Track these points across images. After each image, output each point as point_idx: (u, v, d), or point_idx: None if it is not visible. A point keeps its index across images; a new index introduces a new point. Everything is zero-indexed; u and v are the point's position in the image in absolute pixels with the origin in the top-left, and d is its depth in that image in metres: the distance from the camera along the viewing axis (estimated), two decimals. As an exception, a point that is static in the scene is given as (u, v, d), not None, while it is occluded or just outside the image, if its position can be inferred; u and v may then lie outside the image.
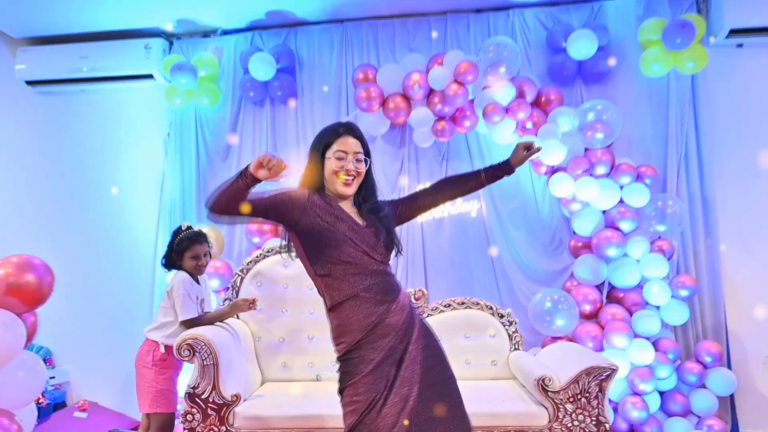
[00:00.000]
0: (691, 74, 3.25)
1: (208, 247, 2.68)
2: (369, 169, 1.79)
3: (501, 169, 1.85)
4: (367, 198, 1.78)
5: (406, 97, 3.29)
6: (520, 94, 3.15)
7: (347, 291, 1.63)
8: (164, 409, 2.50)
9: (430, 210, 1.92)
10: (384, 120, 3.37)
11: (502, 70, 3.11)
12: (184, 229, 2.70)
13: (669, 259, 3.03)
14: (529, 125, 3.13)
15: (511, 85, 3.13)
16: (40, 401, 3.25)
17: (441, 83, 3.16)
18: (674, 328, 3.10)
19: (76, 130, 3.98)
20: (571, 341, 2.93)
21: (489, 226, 3.36)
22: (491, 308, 2.84)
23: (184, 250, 2.61)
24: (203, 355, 2.38)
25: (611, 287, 3.14)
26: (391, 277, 1.72)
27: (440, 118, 3.28)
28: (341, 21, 3.66)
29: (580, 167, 3.09)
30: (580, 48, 3.21)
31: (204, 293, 2.69)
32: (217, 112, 3.77)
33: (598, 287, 3.13)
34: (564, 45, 3.28)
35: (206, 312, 2.66)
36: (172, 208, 3.72)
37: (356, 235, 1.66)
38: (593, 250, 3.11)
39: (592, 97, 3.31)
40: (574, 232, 3.24)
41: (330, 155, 1.71)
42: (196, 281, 2.64)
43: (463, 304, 2.86)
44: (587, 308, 3.05)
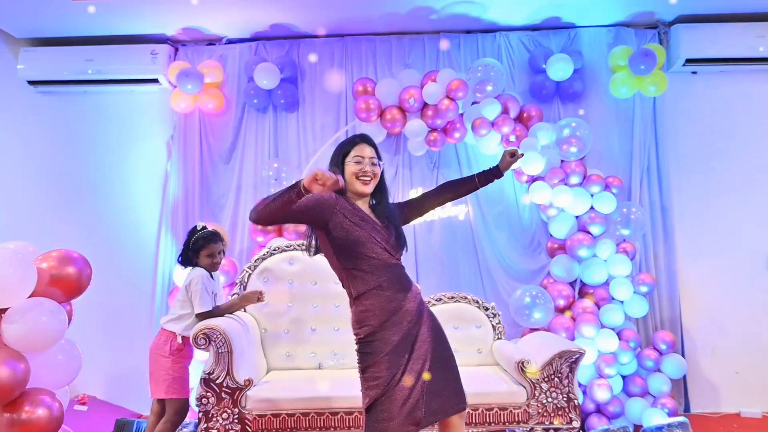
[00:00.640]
0: (653, 97, 3.77)
1: (222, 246, 2.98)
2: (381, 174, 2.10)
3: (491, 173, 2.19)
4: (381, 199, 2.10)
5: (402, 110, 3.68)
6: (505, 110, 3.59)
7: (372, 282, 1.96)
8: (179, 395, 2.78)
9: (434, 209, 2.27)
10: (381, 130, 3.75)
11: (489, 88, 3.53)
12: (199, 229, 2.99)
13: (632, 259, 3.53)
14: (513, 138, 3.57)
15: (497, 102, 3.55)
16: (85, 401, 3.48)
17: (434, 98, 3.56)
18: (635, 319, 3.61)
19: (77, 131, 4.21)
20: (547, 332, 3.37)
21: (475, 229, 3.79)
22: (477, 302, 3.26)
23: (200, 248, 2.90)
24: (218, 343, 2.67)
25: (582, 284, 3.62)
26: (404, 270, 2.09)
27: (432, 130, 3.68)
28: (342, 36, 4.03)
29: (557, 177, 3.55)
30: (558, 70, 3.67)
31: (217, 288, 3.00)
32: (221, 118, 4.07)
33: (571, 284, 3.61)
34: (544, 66, 3.74)
35: (218, 305, 2.97)
36: (175, 209, 3.99)
37: (378, 234, 1.99)
38: (567, 251, 3.57)
39: (568, 115, 3.79)
40: (551, 235, 3.70)
41: (349, 161, 2.03)
42: (211, 277, 2.94)
43: (453, 298, 3.26)
44: (561, 303, 3.52)
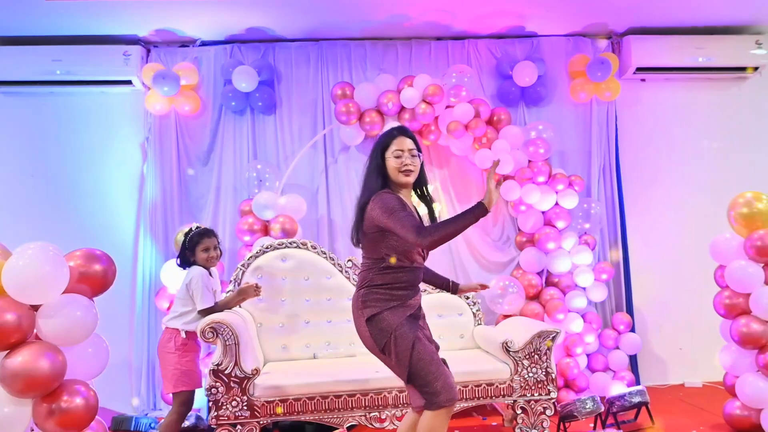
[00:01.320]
0: (608, 101, 4.31)
1: (217, 241, 3.23)
2: (422, 162, 2.25)
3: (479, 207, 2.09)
4: (423, 187, 2.32)
5: (380, 113, 4.03)
6: (477, 114, 4.00)
7: (392, 280, 2.20)
8: (188, 387, 3.00)
9: None
10: (360, 132, 4.08)
11: (463, 93, 3.94)
12: (193, 228, 3.24)
13: (592, 250, 4.05)
14: (484, 140, 4.00)
15: (470, 106, 3.97)
16: None
17: (412, 102, 3.93)
18: (596, 303, 4.13)
19: (45, 132, 4.26)
20: (522, 317, 3.83)
21: (449, 225, 4.19)
22: (458, 292, 3.66)
23: (195, 245, 3.12)
24: (225, 336, 2.93)
25: (549, 273, 4.10)
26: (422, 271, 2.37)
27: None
28: (317, 40, 4.32)
29: (525, 176, 4.01)
30: (524, 76, 4.13)
31: (216, 285, 3.24)
32: (198, 119, 4.25)
33: (539, 274, 4.08)
34: (510, 73, 4.19)
35: (217, 301, 3.22)
36: (153, 211, 4.14)
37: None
38: (535, 244, 4.05)
39: (533, 118, 4.27)
40: (520, 229, 4.16)
41: (389, 155, 2.18)
42: (210, 274, 3.18)
43: (436, 289, 3.65)
44: (531, 291, 3.98)
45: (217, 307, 3.10)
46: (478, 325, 3.65)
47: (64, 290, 2.28)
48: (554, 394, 3.11)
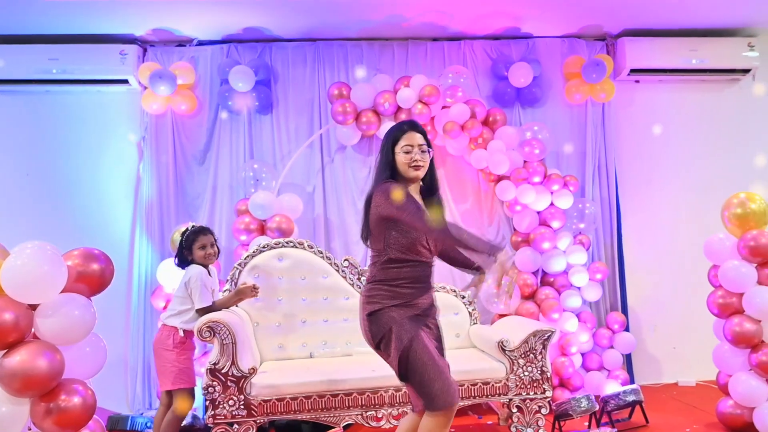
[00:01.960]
0: (603, 103, 4.34)
1: (213, 239, 3.24)
2: (431, 160, 2.21)
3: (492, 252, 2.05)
4: (432, 183, 2.26)
5: (377, 113, 4.05)
6: (472, 115, 4.03)
7: (398, 274, 2.15)
8: (186, 385, 3.04)
9: None
10: (356, 132, 4.10)
11: (459, 93, 3.97)
12: (189, 227, 3.25)
13: (587, 250, 4.08)
14: (480, 141, 4.03)
15: (466, 107, 3.99)
16: None
17: (408, 102, 3.95)
18: (591, 303, 4.17)
19: (42, 131, 4.25)
20: (518, 316, 3.86)
21: (446, 225, 4.22)
22: (454, 291, 3.69)
23: (192, 243, 3.14)
24: (222, 335, 2.95)
25: (544, 273, 4.13)
26: (432, 269, 2.28)
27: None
28: (314, 40, 4.34)
29: (520, 176, 4.04)
30: (519, 77, 4.16)
31: (214, 284, 3.25)
32: (194, 119, 4.25)
33: (534, 273, 4.10)
34: (506, 74, 4.22)
35: (215, 301, 3.23)
36: (149, 210, 4.14)
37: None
38: (530, 244, 4.07)
39: (528, 119, 4.30)
40: (515, 229, 4.19)
41: (399, 150, 2.14)
42: (209, 273, 3.20)
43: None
44: (526, 290, 4.01)
45: (215, 307, 3.12)
46: (474, 324, 3.68)
47: (62, 289, 2.29)
48: (549, 393, 3.14)
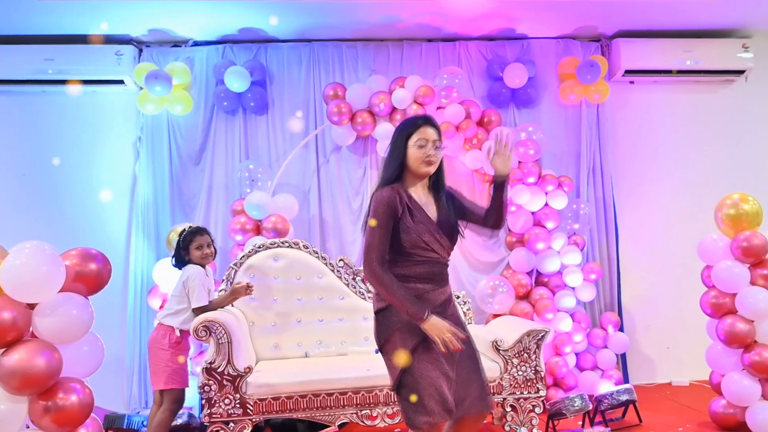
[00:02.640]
0: (597, 103, 4.40)
1: (210, 239, 3.29)
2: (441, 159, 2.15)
3: (495, 183, 2.17)
4: (439, 180, 2.19)
5: (372, 113, 4.11)
6: (467, 116, 4.09)
7: (402, 272, 2.09)
8: (179, 385, 3.08)
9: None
10: (351, 132, 4.15)
11: (454, 94, 4.03)
12: (186, 228, 3.30)
13: (581, 250, 4.14)
14: (475, 141, 4.09)
15: (461, 107, 4.05)
16: None
17: (403, 103, 4.01)
18: (585, 303, 4.23)
19: (38, 131, 4.30)
20: (512, 316, 3.92)
21: (440, 225, 4.27)
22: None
23: (189, 243, 3.19)
24: (218, 334, 2.99)
25: (538, 273, 4.19)
26: (445, 268, 2.18)
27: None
28: (309, 41, 4.39)
29: (515, 176, 4.10)
30: (514, 78, 4.22)
31: (211, 284, 3.30)
32: (190, 119, 4.29)
33: (529, 273, 4.17)
34: (501, 74, 4.28)
35: (211, 300, 3.28)
36: (145, 210, 4.19)
37: (428, 234, 2.08)
38: (525, 244, 4.14)
39: (523, 119, 4.36)
40: (509, 230, 4.25)
41: (412, 144, 2.09)
42: (206, 273, 3.25)
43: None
44: (521, 291, 4.07)
45: (211, 306, 3.16)
46: (468, 324, 3.73)
47: (60, 289, 2.33)
48: (543, 393, 3.19)
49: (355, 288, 3.69)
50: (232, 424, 2.96)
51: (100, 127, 4.34)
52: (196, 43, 4.38)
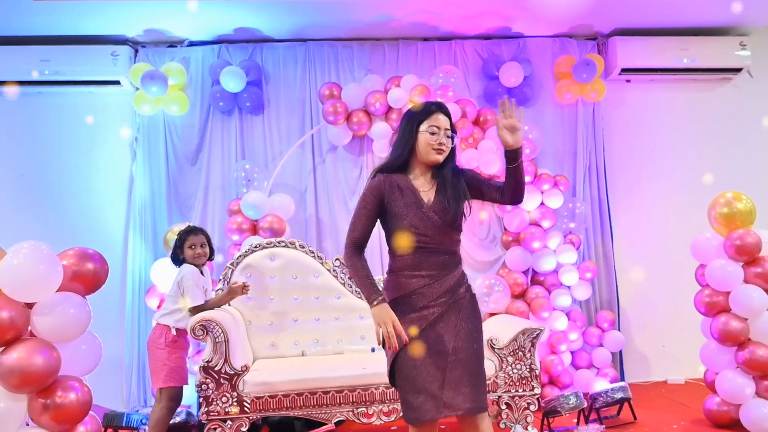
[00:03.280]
0: (594, 102, 4.46)
1: (204, 239, 3.35)
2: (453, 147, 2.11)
3: (507, 156, 2.04)
4: (445, 169, 2.11)
5: (368, 113, 4.17)
6: (463, 115, 4.15)
7: (398, 264, 2.10)
8: (177, 383, 3.15)
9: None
10: (347, 132, 4.21)
11: (450, 93, 4.09)
12: (183, 228, 3.37)
13: (577, 249, 4.21)
14: (471, 140, 4.15)
15: (457, 107, 4.11)
16: None
17: (399, 103, 4.07)
18: (580, 302, 4.29)
19: (35, 132, 4.37)
20: (508, 314, 3.98)
21: (437, 224, 4.33)
22: (445, 290, 3.81)
23: (183, 242, 3.26)
24: (215, 333, 3.06)
25: (534, 272, 4.25)
26: (445, 257, 2.11)
27: (395, 137, 4.20)
28: (304, 40, 4.45)
29: (511, 175, 4.16)
30: (510, 77, 4.28)
31: (207, 284, 3.36)
32: (186, 119, 4.36)
33: (525, 272, 4.23)
34: (497, 73, 4.34)
35: (207, 300, 3.34)
36: (142, 210, 4.26)
37: (422, 221, 2.04)
38: (521, 243, 4.20)
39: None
40: (506, 229, 4.32)
41: (423, 130, 2.05)
42: (201, 273, 3.31)
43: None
44: (516, 289, 4.14)
45: (207, 305, 3.22)
46: (465, 322, 3.79)
47: (58, 288, 2.39)
48: (538, 390, 3.25)
49: (351, 287, 3.75)
50: (229, 422, 3.02)
51: (96, 128, 4.39)
52: (192, 44, 4.44)
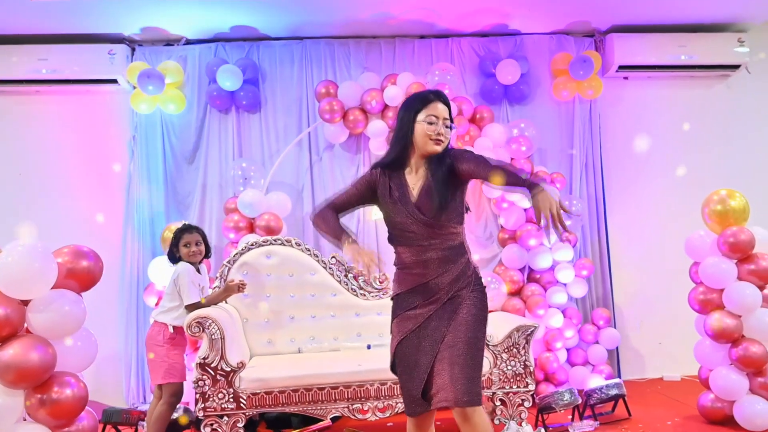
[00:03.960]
0: (591, 99, 4.49)
1: (199, 237, 3.39)
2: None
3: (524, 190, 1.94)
4: (433, 163, 2.05)
5: (364, 111, 4.21)
6: (459, 112, 4.18)
7: (398, 260, 2.16)
8: (176, 380, 3.20)
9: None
10: (344, 130, 4.26)
11: (446, 91, 4.12)
12: (180, 226, 3.43)
13: (573, 247, 4.24)
14: (467, 138, 4.19)
15: (453, 104, 4.13)
16: None
17: (395, 100, 4.10)
18: (576, 299, 4.33)
19: (33, 131, 4.42)
20: (503, 312, 4.02)
21: (433, 221, 4.37)
22: (440, 288, 3.85)
23: (178, 241, 3.32)
24: (211, 330, 3.11)
25: (530, 270, 4.29)
26: (438, 252, 2.07)
27: (393, 129, 4.24)
28: (301, 38, 4.49)
29: (507, 173, 4.19)
30: (507, 74, 4.31)
31: (204, 281, 3.42)
32: (183, 118, 4.40)
33: (521, 270, 4.27)
34: (493, 71, 4.37)
35: (204, 297, 3.40)
36: (140, 209, 4.30)
37: (408, 217, 2.05)
38: (517, 241, 4.24)
39: (516, 116, 4.45)
40: (502, 226, 4.35)
41: (421, 119, 2.01)
42: (198, 271, 3.37)
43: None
44: (513, 287, 4.18)
45: (203, 303, 3.28)
46: (460, 320, 3.83)
47: (53, 286, 2.45)
48: (532, 387, 3.30)
49: (347, 285, 3.80)
50: (225, 418, 3.08)
51: (94, 127, 4.45)
52: (189, 42, 4.48)
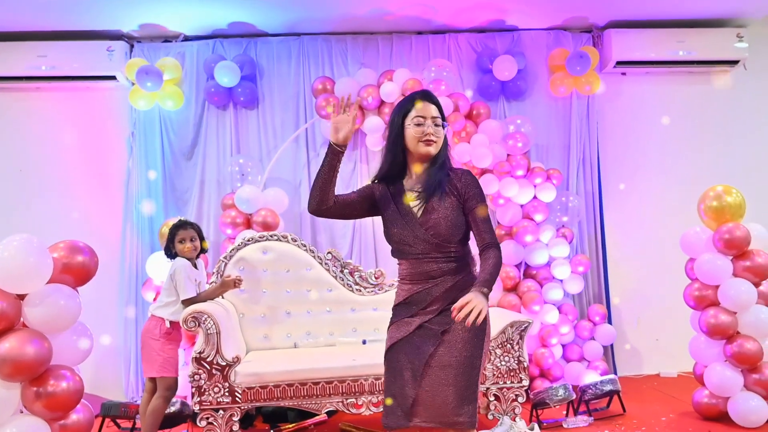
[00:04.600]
0: (588, 95, 4.51)
1: (195, 233, 3.43)
2: (444, 137, 1.99)
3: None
4: (441, 163, 1.99)
5: (361, 107, 4.24)
6: (456, 108, 4.21)
7: (399, 271, 2.12)
8: (170, 374, 3.26)
9: None
10: (341, 126, 4.28)
11: (442, 87, 4.15)
12: (176, 221, 3.47)
13: (569, 243, 4.27)
14: (464, 134, 4.21)
15: (449, 100, 4.17)
16: None
17: (391, 96, 4.13)
18: (572, 295, 4.36)
19: (33, 127, 4.48)
20: (498, 307, 4.05)
21: (430, 219, 4.40)
22: (436, 283, 3.88)
23: (174, 236, 3.36)
24: (206, 325, 3.16)
25: (527, 266, 4.32)
26: (435, 263, 2.02)
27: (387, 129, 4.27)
28: (298, 35, 4.52)
29: (503, 169, 4.22)
30: (504, 70, 4.33)
31: (201, 277, 3.46)
32: (181, 114, 4.45)
33: (517, 266, 4.30)
34: (490, 67, 4.39)
35: (200, 292, 3.44)
36: (138, 205, 4.36)
37: (406, 228, 1.99)
38: (513, 237, 4.26)
39: (513, 112, 4.47)
40: (498, 222, 4.38)
41: (409, 122, 1.95)
42: (194, 266, 3.41)
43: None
44: (509, 283, 4.20)
45: (200, 298, 3.32)
46: (456, 316, 3.87)
47: (49, 280, 2.49)
48: (526, 382, 3.33)
49: (343, 280, 3.84)
50: (221, 412, 3.13)
51: (93, 123, 4.50)
52: (187, 38, 4.52)
